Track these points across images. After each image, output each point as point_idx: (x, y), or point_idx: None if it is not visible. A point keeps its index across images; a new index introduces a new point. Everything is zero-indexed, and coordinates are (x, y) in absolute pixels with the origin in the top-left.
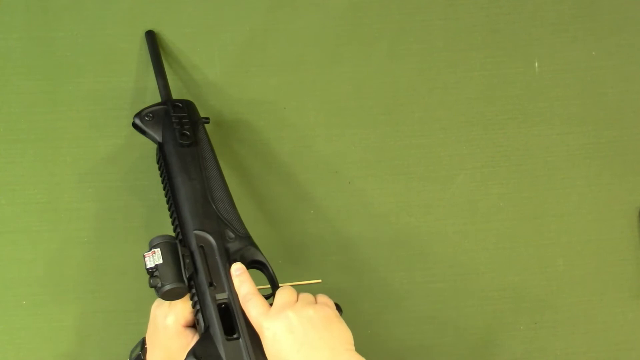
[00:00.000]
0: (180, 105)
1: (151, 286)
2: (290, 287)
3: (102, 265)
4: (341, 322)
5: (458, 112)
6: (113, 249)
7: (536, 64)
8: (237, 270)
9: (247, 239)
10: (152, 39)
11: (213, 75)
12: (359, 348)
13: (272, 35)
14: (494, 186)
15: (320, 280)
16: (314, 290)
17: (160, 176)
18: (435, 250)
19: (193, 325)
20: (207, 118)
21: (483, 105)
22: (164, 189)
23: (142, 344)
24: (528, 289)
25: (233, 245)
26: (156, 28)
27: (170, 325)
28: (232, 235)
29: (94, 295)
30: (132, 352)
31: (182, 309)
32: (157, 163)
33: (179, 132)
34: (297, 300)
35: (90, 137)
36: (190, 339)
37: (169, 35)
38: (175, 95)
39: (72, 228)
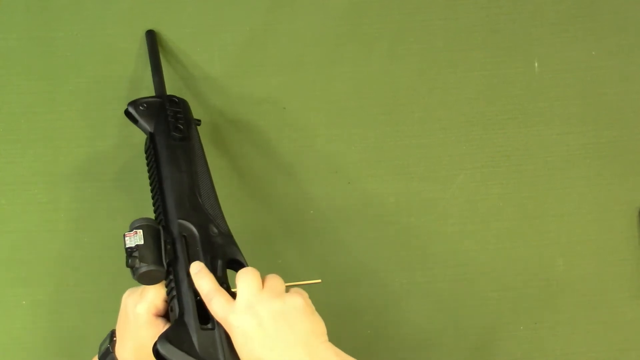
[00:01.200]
0: (177, 100)
1: (128, 266)
2: (252, 270)
3: (102, 266)
4: (313, 312)
5: (458, 112)
6: (113, 249)
7: (536, 64)
8: (196, 268)
9: (230, 237)
10: (152, 39)
11: (213, 75)
12: (360, 348)
13: (272, 35)
14: (494, 186)
15: (320, 280)
16: (314, 290)
17: (147, 165)
18: (435, 250)
19: (164, 316)
20: (199, 120)
21: (483, 105)
22: (150, 177)
23: (111, 336)
24: (528, 289)
25: (216, 241)
26: (156, 28)
27: (141, 313)
28: (215, 230)
29: (94, 295)
30: (100, 345)
31: (154, 296)
32: (145, 152)
33: (173, 125)
34: (263, 287)
35: (90, 137)
36: (162, 329)
37: (169, 35)
38: (174, 94)
39: (72, 228)
